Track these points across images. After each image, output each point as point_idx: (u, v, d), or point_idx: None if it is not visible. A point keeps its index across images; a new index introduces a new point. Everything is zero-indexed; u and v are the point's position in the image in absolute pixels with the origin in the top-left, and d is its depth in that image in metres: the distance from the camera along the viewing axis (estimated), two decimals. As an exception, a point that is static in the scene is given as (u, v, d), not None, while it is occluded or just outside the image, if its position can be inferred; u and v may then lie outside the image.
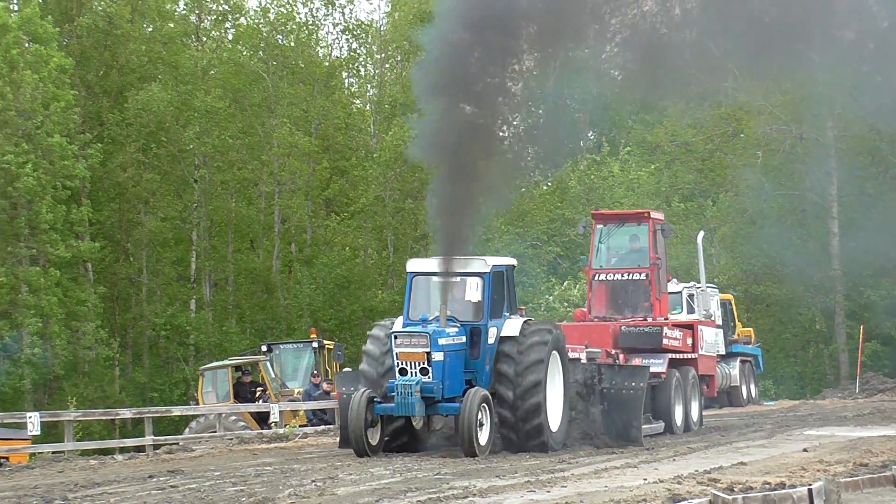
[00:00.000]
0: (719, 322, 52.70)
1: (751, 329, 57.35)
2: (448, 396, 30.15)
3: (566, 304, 60.46)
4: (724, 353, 52.78)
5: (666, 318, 39.56)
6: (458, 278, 31.13)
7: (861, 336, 59.73)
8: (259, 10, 77.69)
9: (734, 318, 54.80)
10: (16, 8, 68.77)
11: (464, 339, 30.73)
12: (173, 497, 23.41)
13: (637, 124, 79.75)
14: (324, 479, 25.50)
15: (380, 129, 76.07)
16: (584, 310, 39.77)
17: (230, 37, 79.54)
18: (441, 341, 29.93)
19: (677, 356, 38.18)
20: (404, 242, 71.54)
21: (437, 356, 29.83)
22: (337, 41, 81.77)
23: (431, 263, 31.53)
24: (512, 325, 31.07)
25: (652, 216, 40.32)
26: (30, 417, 41.71)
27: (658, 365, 36.81)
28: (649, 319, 38.27)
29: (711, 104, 72.52)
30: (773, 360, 63.74)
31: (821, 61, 68.92)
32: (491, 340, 30.87)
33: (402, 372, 30.02)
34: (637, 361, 36.12)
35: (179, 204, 72.88)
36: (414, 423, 30.79)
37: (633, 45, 77.74)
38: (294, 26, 76.36)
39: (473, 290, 31.10)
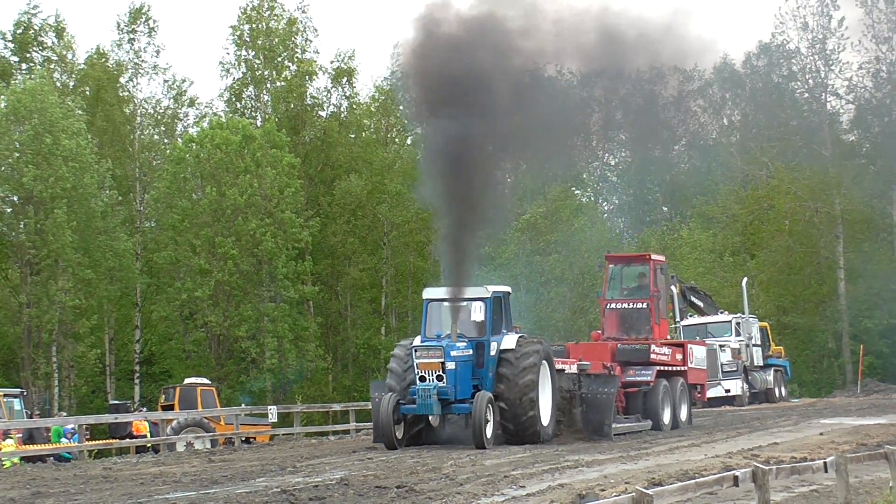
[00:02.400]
0: (758, 342, 52.10)
1: (781, 347, 56.62)
2: (459, 398, 28.20)
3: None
4: (762, 364, 52.17)
5: (666, 339, 36.74)
6: (465, 302, 29.30)
7: (861, 352, 58.88)
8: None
9: (769, 340, 54.03)
10: (259, 124, 69.71)
11: (471, 351, 28.83)
12: (369, 465, 23.55)
13: (699, 201, 79.04)
14: (475, 454, 25.55)
15: (516, 207, 75.85)
16: (599, 332, 36.99)
17: (409, 141, 79.92)
18: (453, 353, 28.17)
19: (666, 368, 34.96)
20: (533, 286, 71.24)
21: (450, 365, 28.01)
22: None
23: (442, 291, 29.58)
24: (509, 340, 29.02)
25: (653, 258, 37.17)
26: (270, 409, 42.21)
27: (647, 375, 34.12)
28: (650, 339, 35.33)
29: (752, 186, 71.93)
30: (797, 370, 62.81)
31: (830, 156, 68.43)
32: (493, 352, 28.82)
33: (422, 379, 28.12)
34: (631, 372, 33.83)
35: (373, 259, 73.20)
36: (431, 421, 29.05)
37: (694, 146, 77.29)
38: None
39: (478, 312, 29.29)
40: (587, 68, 34.07)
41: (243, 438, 39.63)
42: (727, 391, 49.04)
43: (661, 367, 34.78)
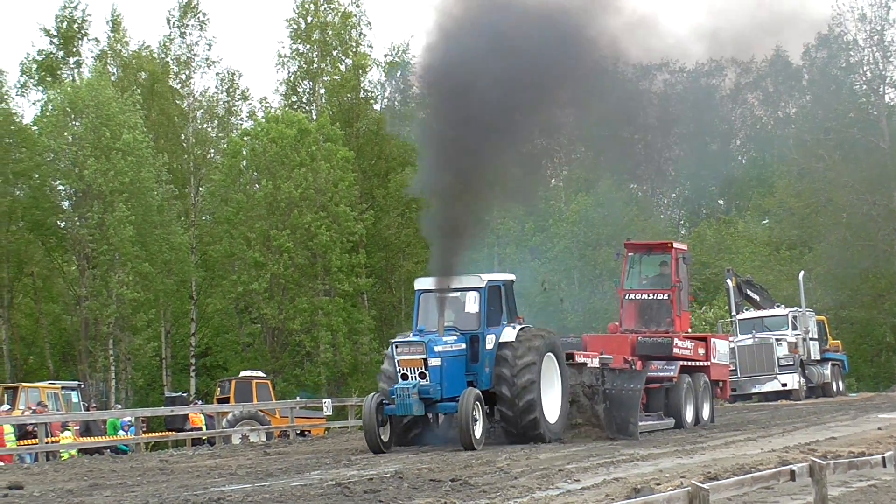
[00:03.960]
0: (815, 336, 51.69)
1: (839, 341, 56.15)
2: (448, 396, 26.05)
3: (704, 322, 59.43)
4: (819, 358, 51.76)
5: (688, 332, 34.89)
6: (458, 292, 27.20)
7: (920, 346, 58.47)
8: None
9: (826, 334, 53.61)
10: (314, 118, 69.91)
11: (463, 345, 26.71)
12: (423, 459, 23.56)
13: (755, 193, 78.60)
14: (530, 448, 25.48)
15: (568, 199, 75.69)
16: (617, 324, 34.68)
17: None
18: (437, 348, 26.02)
19: (689, 363, 33.21)
20: (588, 278, 70.98)
21: (434, 361, 25.87)
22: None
23: (433, 282, 27.52)
24: (509, 332, 26.91)
25: (675, 246, 34.85)
26: (325, 402, 42.35)
27: (671, 371, 32.31)
28: (671, 332, 33.42)
29: (808, 179, 71.46)
30: (855, 364, 62.34)
31: (888, 148, 67.80)
32: (489, 346, 26.79)
33: (404, 377, 26.11)
34: (654, 367, 32.17)
35: (427, 252, 73.19)
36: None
37: (751, 139, 76.55)
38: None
39: (471, 303, 27.09)
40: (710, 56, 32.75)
41: (298, 431, 39.81)
42: (784, 385, 48.75)
43: (685, 363, 33.33)
